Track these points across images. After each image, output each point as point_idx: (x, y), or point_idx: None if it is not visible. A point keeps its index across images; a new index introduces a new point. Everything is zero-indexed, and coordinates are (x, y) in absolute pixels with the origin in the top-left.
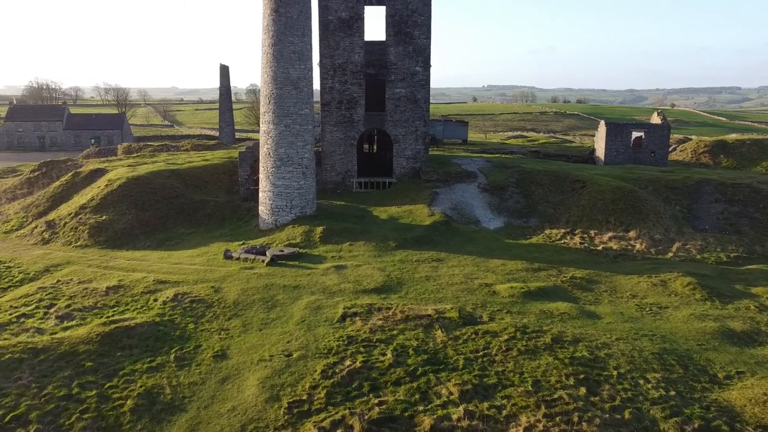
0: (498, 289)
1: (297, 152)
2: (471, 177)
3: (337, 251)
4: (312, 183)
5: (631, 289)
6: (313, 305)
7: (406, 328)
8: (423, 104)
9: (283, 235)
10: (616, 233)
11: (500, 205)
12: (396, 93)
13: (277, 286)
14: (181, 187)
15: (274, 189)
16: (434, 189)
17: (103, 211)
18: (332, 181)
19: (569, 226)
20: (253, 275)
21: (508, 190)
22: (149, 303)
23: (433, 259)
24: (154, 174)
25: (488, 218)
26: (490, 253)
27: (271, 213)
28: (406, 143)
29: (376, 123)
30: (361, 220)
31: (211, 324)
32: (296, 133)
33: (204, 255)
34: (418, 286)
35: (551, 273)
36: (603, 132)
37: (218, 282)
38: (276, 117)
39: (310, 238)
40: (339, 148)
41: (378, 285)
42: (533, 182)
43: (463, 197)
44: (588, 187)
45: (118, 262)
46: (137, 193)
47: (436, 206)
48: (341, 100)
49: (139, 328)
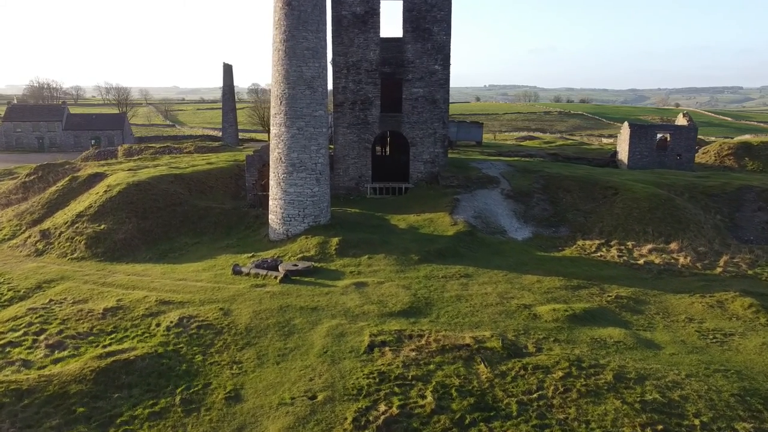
0: (539, 311)
1: (310, 157)
2: (493, 182)
3: (356, 265)
4: (326, 190)
5: (685, 310)
6: (335, 331)
7: (444, 361)
8: (442, 105)
9: (296, 246)
10: (656, 245)
11: (526, 213)
12: (413, 93)
13: (293, 308)
14: (185, 193)
15: (286, 197)
16: (455, 195)
17: (102, 219)
18: (345, 187)
19: (603, 236)
20: (265, 294)
21: (533, 197)
22: (151, 328)
23: (461, 274)
24: (156, 179)
25: (515, 227)
26: (522, 267)
27: (283, 222)
28: (424, 146)
29: (392, 125)
30: (378, 229)
31: (222, 355)
32: (310, 137)
33: (211, 269)
34: (450, 307)
35: (593, 291)
36: (626, 134)
37: (227, 303)
38: (288, 119)
39: (325, 251)
40: (352, 151)
41: (405, 306)
42: (560, 188)
43: (487, 204)
44: (621, 194)
45: (117, 277)
46: (138, 200)
47: (458, 214)
48: (355, 101)
49: (140, 362)
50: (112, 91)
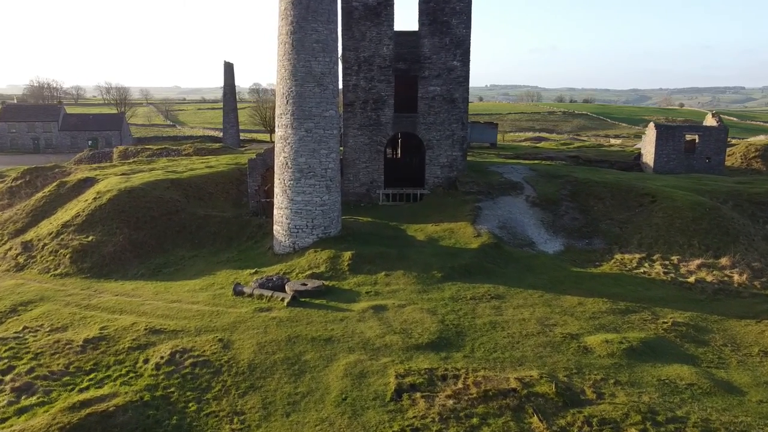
0: (589, 342)
1: (320, 162)
2: (517, 188)
3: (372, 284)
4: (337, 198)
5: (756, 341)
6: (354, 370)
7: (489, 412)
8: (461, 104)
9: (304, 261)
10: (705, 260)
11: (555, 223)
12: (430, 91)
13: (303, 339)
14: (182, 200)
15: (293, 206)
16: (476, 203)
17: (90, 230)
18: (355, 193)
19: (643, 249)
20: (271, 321)
21: (561, 205)
22: (138, 366)
23: (491, 295)
24: (151, 185)
25: (543, 239)
26: (558, 286)
27: (289, 234)
28: (441, 149)
29: (406, 126)
30: (394, 242)
31: (220, 403)
32: (319, 140)
33: (209, 288)
34: (484, 338)
35: (644, 317)
36: (652, 135)
37: (227, 332)
38: (295, 120)
39: (336, 266)
40: (363, 155)
41: (433, 337)
42: (590, 195)
43: (511, 213)
44: (659, 202)
45: (103, 298)
46: (130, 208)
47: (481, 224)
48: (367, 100)
49: (121, 415)
50: (113, 90)
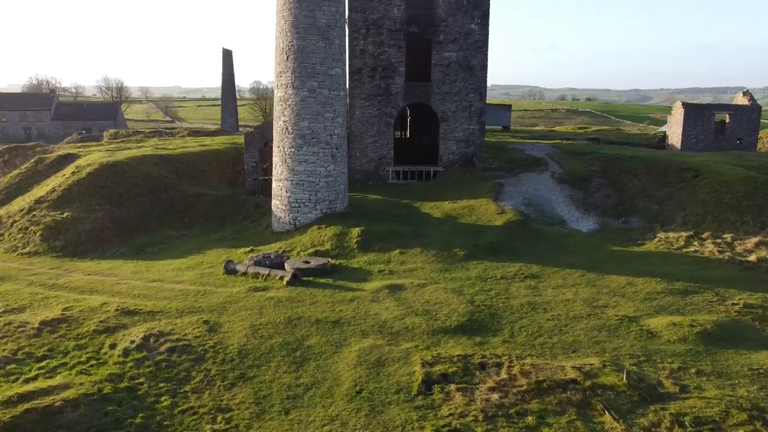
0: (652, 325)
1: (324, 127)
2: (540, 165)
3: (385, 262)
4: (343, 169)
5: None
6: (370, 357)
7: (546, 408)
8: (479, 72)
9: (306, 239)
10: (764, 238)
11: (586, 201)
12: (445, 58)
13: (306, 322)
14: (172, 177)
15: (293, 176)
16: (497, 179)
17: (66, 206)
18: (362, 171)
19: (689, 227)
20: (268, 301)
21: (592, 182)
22: (101, 353)
23: (525, 274)
24: (137, 160)
25: (575, 217)
26: (600, 266)
27: (289, 209)
28: (457, 122)
29: (418, 96)
30: (408, 219)
31: (201, 397)
32: (324, 101)
33: (197, 267)
34: (525, 320)
35: (708, 298)
36: (679, 115)
37: (215, 313)
38: (296, 78)
39: (344, 244)
40: (371, 128)
41: (463, 320)
42: (623, 171)
43: (537, 190)
44: (704, 177)
45: (73, 277)
46: (113, 184)
47: (504, 201)
48: (375, 67)
49: (70, 411)
50: (110, 83)
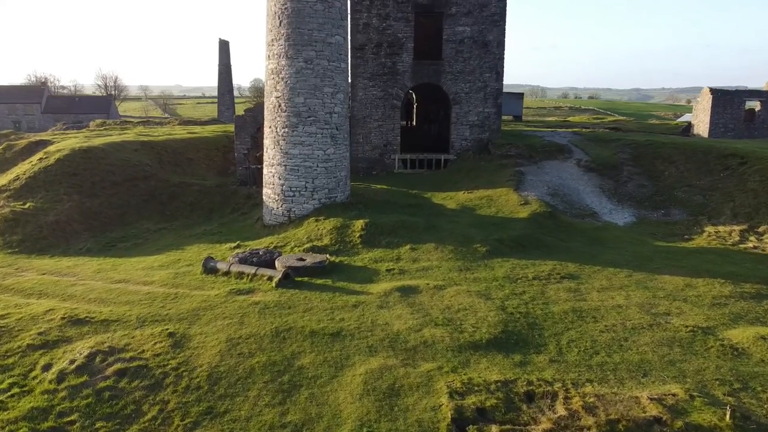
0: (735, 340)
1: (323, 103)
2: (564, 152)
3: (394, 260)
4: (345, 153)
5: None
6: (380, 384)
7: None
8: (495, 49)
9: (302, 233)
10: None
11: (618, 191)
12: (458, 32)
13: (299, 334)
14: (154, 165)
15: (287, 161)
16: (517, 168)
17: (29, 196)
18: (365, 159)
19: (741, 220)
20: (252, 308)
21: (623, 170)
22: (30, 377)
23: (561, 274)
24: (115, 146)
25: (607, 209)
26: (647, 264)
27: (282, 199)
28: (471, 105)
29: (428, 76)
30: (419, 210)
31: None
32: (323, 73)
33: (172, 265)
34: (573, 332)
35: None
36: (707, 102)
37: (185, 322)
38: (290, 47)
39: (345, 239)
40: (376, 111)
41: (495, 331)
42: (658, 158)
43: (562, 179)
44: (753, 165)
45: (23, 277)
46: (84, 171)
47: (527, 191)
48: (380, 43)
49: None
50: (105, 78)
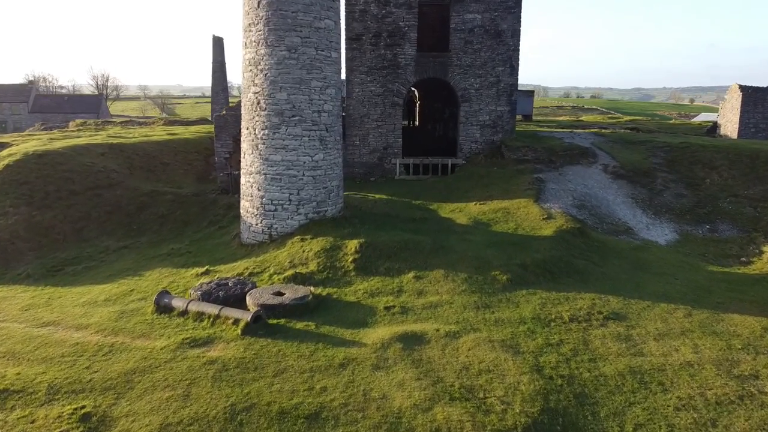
0: None
1: (310, 100)
2: (587, 156)
3: (394, 293)
4: (336, 158)
5: None
6: None
7: None
8: (510, 39)
9: (283, 255)
10: None
11: (653, 201)
12: (467, 20)
13: (261, 416)
14: (122, 171)
15: (268, 169)
16: (535, 174)
17: None
18: (362, 163)
19: None
20: (205, 369)
21: (657, 177)
22: None
23: (603, 313)
24: (78, 150)
25: (643, 223)
26: (706, 297)
27: (262, 214)
28: (482, 102)
29: (433, 70)
30: (424, 226)
31: None
32: (309, 64)
33: (120, 299)
34: (638, 410)
35: None
36: (735, 100)
37: (110, 395)
38: (271, 32)
39: (335, 264)
40: (374, 109)
41: (533, 410)
42: (697, 163)
43: (588, 187)
44: None
45: None
46: (37, 179)
47: (549, 202)
48: (379, 33)
49: None
50: (96, 77)
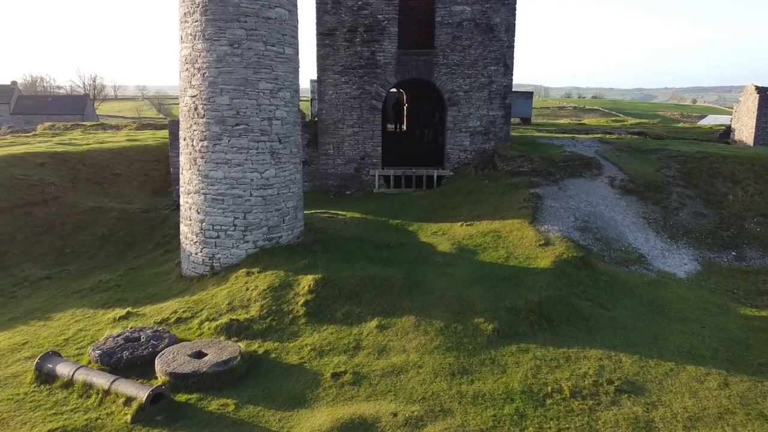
0: None
1: (258, 105)
2: (591, 167)
3: (349, 351)
4: (293, 174)
5: None
6: None
7: None
8: (503, 35)
9: (222, 294)
10: None
11: (668, 222)
12: (455, 13)
13: None
14: (62, 184)
15: (208, 188)
16: (531, 189)
17: None
18: (337, 175)
19: None
20: None
21: (671, 192)
22: None
23: (614, 382)
24: (11, 160)
25: (658, 249)
26: (744, 356)
27: (203, 241)
28: (472, 106)
29: (416, 69)
30: (399, 255)
31: None
32: (257, 61)
33: (4, 358)
34: None
35: None
36: (752, 102)
37: None
38: (210, 23)
39: (282, 307)
40: (350, 114)
41: None
42: (717, 176)
43: (593, 205)
44: None
45: None
46: None
47: (547, 224)
48: (354, 27)
49: None
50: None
